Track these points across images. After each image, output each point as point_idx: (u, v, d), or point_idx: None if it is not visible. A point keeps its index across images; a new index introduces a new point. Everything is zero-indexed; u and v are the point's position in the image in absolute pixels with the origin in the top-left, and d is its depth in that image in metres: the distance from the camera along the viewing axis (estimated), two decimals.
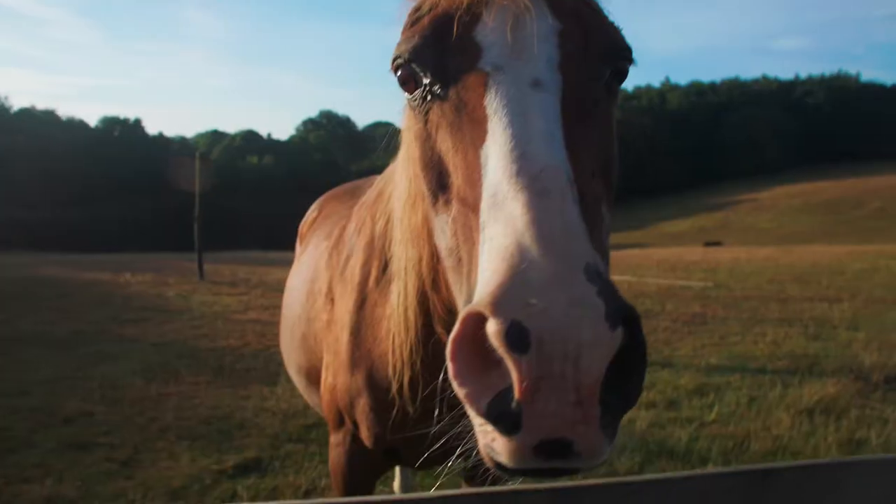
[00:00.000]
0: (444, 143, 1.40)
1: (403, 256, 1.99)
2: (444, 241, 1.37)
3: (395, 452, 2.60)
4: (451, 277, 1.36)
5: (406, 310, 2.03)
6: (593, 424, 0.92)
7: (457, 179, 1.33)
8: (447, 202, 1.36)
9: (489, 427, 0.98)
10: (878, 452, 5.94)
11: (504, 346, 0.88)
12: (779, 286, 16.07)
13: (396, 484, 5.15)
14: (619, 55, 1.52)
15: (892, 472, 1.55)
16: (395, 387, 2.17)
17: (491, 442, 1.00)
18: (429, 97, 1.46)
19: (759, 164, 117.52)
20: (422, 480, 5.39)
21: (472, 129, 1.32)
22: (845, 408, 6.97)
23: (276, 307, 13.53)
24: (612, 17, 1.57)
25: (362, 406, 2.40)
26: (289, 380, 7.92)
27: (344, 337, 2.43)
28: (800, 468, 1.50)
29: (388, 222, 2.25)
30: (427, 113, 1.46)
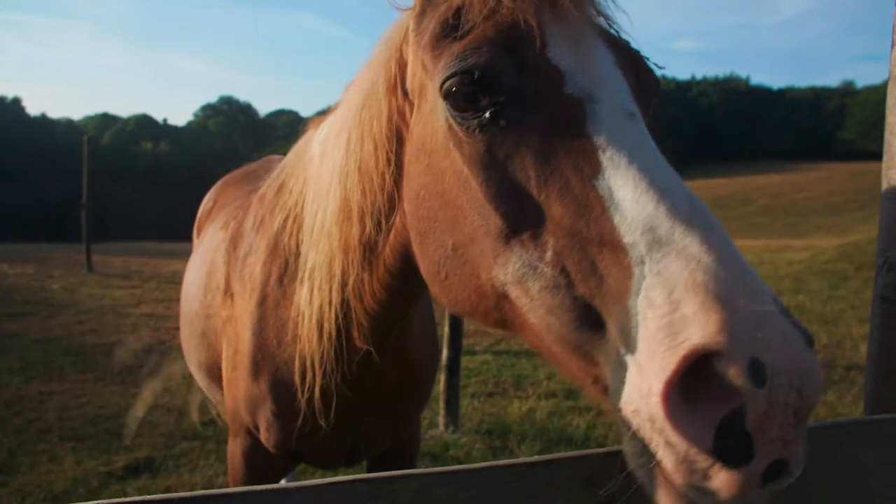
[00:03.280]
0: (527, 171, 1.28)
1: (326, 269, 1.91)
2: (536, 277, 1.22)
3: (299, 455, 2.53)
4: (559, 317, 1.19)
5: (321, 320, 1.96)
6: (803, 441, 1.00)
7: (557, 210, 1.22)
8: (535, 235, 1.24)
9: (702, 464, 0.96)
10: None
11: (748, 382, 0.92)
12: None
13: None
14: (657, 92, 1.51)
15: None
16: (304, 395, 2.10)
17: (701, 482, 0.97)
18: (500, 120, 1.30)
19: None
20: (315, 472, 5.32)
21: (574, 160, 1.23)
22: None
23: (172, 300, 13.04)
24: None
25: (266, 413, 2.32)
26: (184, 375, 7.67)
27: (246, 336, 2.33)
28: (844, 425, 1.54)
29: (289, 219, 2.17)
30: (493, 136, 1.31)
